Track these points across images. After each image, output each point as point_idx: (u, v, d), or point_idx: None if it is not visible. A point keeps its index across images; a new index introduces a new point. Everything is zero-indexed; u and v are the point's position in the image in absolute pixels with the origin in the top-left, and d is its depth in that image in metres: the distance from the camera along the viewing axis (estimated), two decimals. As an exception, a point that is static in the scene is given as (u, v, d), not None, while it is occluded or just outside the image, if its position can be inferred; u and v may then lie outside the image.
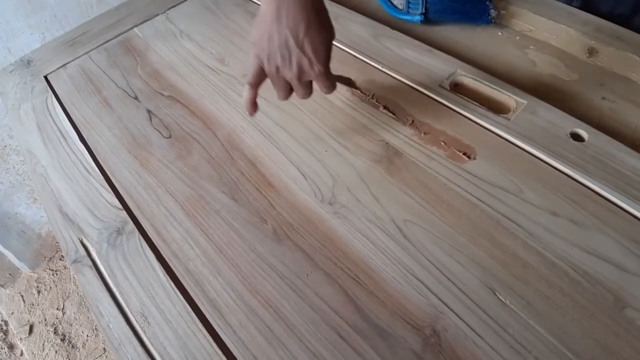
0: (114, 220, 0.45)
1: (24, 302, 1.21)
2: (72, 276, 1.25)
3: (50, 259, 1.27)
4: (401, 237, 0.40)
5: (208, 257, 0.41)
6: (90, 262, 0.43)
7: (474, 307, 0.35)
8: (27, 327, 1.16)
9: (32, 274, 1.25)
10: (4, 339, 1.17)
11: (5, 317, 1.19)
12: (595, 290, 0.35)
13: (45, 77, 0.66)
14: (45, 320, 1.17)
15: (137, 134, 0.54)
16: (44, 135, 0.57)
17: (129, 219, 0.45)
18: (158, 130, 0.54)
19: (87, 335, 1.13)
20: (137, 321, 0.38)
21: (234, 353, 0.35)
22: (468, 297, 0.36)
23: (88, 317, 1.16)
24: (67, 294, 1.21)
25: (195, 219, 0.44)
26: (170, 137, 0.52)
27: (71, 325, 1.15)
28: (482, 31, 0.63)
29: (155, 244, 0.43)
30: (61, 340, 1.13)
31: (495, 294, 0.36)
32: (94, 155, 0.53)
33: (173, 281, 0.40)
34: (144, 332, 0.38)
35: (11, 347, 1.15)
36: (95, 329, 1.14)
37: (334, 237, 0.41)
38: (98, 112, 0.58)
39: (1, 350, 1.15)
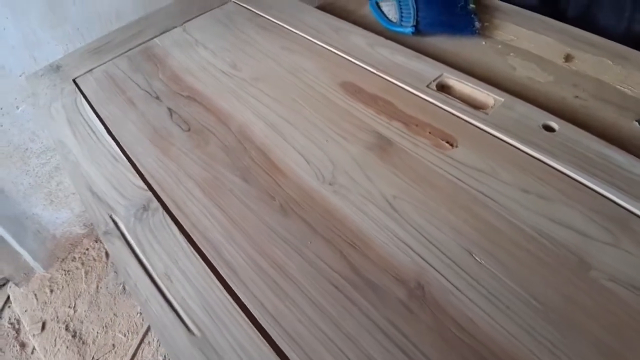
0: (140, 198, 0.51)
1: (37, 300, 1.26)
2: (83, 276, 1.30)
3: (63, 259, 1.33)
4: (390, 209, 0.46)
5: (224, 228, 0.47)
6: (119, 234, 0.49)
7: (453, 265, 0.41)
8: (40, 324, 1.21)
9: (46, 274, 1.31)
10: (16, 336, 1.21)
11: (19, 315, 1.24)
12: (559, 252, 0.41)
13: (74, 80, 0.73)
14: (57, 317, 1.21)
15: (159, 128, 0.60)
16: (74, 129, 0.63)
17: (153, 197, 0.51)
18: (178, 125, 0.60)
19: (97, 332, 1.18)
20: (161, 281, 0.44)
21: (245, 303, 0.41)
22: (448, 257, 0.42)
23: (98, 315, 1.21)
24: (78, 293, 1.26)
25: (212, 196, 0.50)
26: (189, 130, 0.59)
27: (82, 322, 1.20)
28: (468, 41, 0.70)
29: (177, 217, 0.49)
30: (72, 336, 1.17)
31: (472, 255, 0.42)
32: (121, 145, 0.59)
33: (193, 247, 0.46)
34: (168, 289, 0.43)
35: (23, 344, 1.20)
36: (105, 326, 1.19)
37: (333, 211, 0.47)
38: (123, 110, 0.65)
39: (13, 348, 1.20)
